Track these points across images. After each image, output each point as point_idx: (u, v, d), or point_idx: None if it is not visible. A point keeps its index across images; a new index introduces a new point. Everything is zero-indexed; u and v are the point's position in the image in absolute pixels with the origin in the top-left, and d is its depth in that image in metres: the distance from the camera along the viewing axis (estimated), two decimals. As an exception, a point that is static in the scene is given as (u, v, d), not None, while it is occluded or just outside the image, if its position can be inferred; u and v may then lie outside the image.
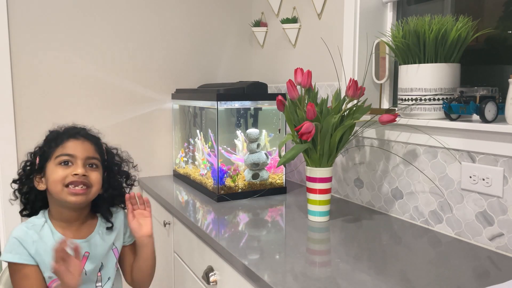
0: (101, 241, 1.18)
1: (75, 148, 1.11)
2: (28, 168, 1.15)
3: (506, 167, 1.14)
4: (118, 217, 1.24)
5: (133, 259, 1.25)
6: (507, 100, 1.12)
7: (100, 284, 1.17)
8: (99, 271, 1.17)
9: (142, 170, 2.14)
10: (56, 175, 1.09)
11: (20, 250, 1.06)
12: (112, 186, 1.20)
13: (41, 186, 1.12)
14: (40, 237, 1.09)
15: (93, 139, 1.17)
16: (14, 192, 1.16)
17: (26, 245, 1.07)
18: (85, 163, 1.12)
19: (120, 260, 1.26)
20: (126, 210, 1.23)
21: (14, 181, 1.17)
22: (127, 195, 1.21)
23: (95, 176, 1.13)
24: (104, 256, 1.18)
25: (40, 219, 1.13)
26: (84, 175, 1.10)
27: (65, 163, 1.10)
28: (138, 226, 1.19)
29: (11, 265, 1.08)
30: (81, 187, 1.10)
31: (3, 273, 1.19)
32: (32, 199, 1.16)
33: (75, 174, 1.09)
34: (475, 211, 1.22)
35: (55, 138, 1.13)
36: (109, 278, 1.19)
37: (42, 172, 1.12)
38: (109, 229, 1.20)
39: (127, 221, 1.22)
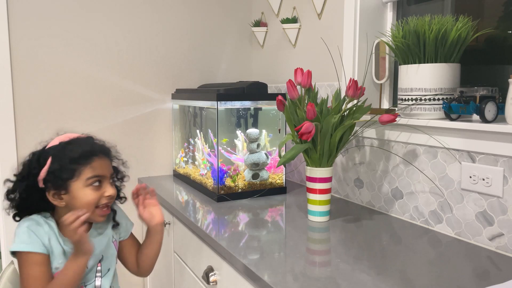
0: (99, 236, 1.18)
1: (102, 168, 1.11)
2: (28, 179, 1.10)
3: (506, 167, 1.14)
4: (118, 213, 1.26)
5: (135, 250, 1.29)
6: (507, 100, 1.12)
7: (99, 274, 1.18)
8: (99, 262, 1.18)
9: (142, 170, 2.15)
10: (89, 197, 1.09)
11: (34, 239, 1.07)
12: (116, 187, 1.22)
13: (61, 203, 1.10)
14: (50, 228, 1.11)
15: (108, 154, 1.16)
16: (10, 203, 1.13)
17: (39, 234, 1.08)
18: (109, 180, 1.14)
19: (122, 254, 1.28)
20: (119, 204, 1.26)
21: (9, 192, 1.13)
22: (135, 188, 1.24)
23: (115, 191, 1.15)
24: (104, 249, 1.19)
25: (44, 216, 1.13)
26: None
27: (96, 183, 1.10)
28: (150, 216, 1.23)
29: (22, 255, 1.07)
30: (108, 206, 1.14)
31: (3, 273, 1.19)
32: (35, 206, 1.13)
33: (108, 196, 1.11)
34: (475, 211, 1.22)
35: (82, 156, 1.09)
36: (109, 269, 1.20)
37: (62, 190, 1.09)
38: (115, 225, 1.23)
39: (122, 214, 1.27)
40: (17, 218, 1.16)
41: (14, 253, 1.08)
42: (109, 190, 1.11)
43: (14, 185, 1.13)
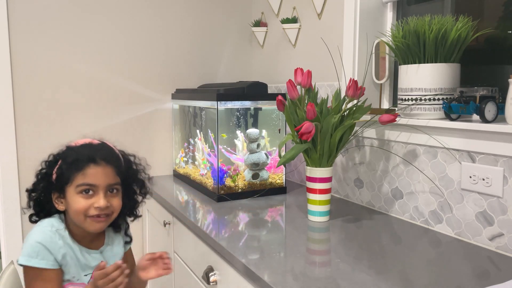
0: (111, 253, 1.18)
1: (96, 176, 1.06)
2: (45, 179, 1.11)
3: (506, 167, 1.14)
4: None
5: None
6: (507, 100, 1.12)
7: None
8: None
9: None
10: (78, 205, 1.06)
11: (46, 255, 1.04)
12: (129, 197, 1.18)
13: (60, 207, 1.10)
14: (64, 242, 1.08)
15: (114, 162, 1.10)
16: (28, 202, 1.12)
17: (53, 251, 1.05)
18: (106, 191, 1.08)
19: None
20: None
21: (29, 191, 1.13)
22: (159, 254, 1.15)
23: (116, 202, 1.11)
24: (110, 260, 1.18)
25: (59, 223, 1.10)
26: (106, 207, 1.07)
27: (86, 191, 1.06)
28: (147, 271, 1.15)
29: (31, 269, 1.04)
30: (103, 216, 1.08)
31: (3, 273, 1.19)
32: (48, 208, 1.12)
33: (97, 207, 1.06)
34: (475, 211, 1.22)
35: (75, 162, 1.07)
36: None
37: (61, 193, 1.08)
38: (127, 242, 1.23)
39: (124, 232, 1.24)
40: (33, 219, 1.14)
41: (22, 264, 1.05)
42: (100, 201, 1.06)
43: (35, 184, 1.13)
